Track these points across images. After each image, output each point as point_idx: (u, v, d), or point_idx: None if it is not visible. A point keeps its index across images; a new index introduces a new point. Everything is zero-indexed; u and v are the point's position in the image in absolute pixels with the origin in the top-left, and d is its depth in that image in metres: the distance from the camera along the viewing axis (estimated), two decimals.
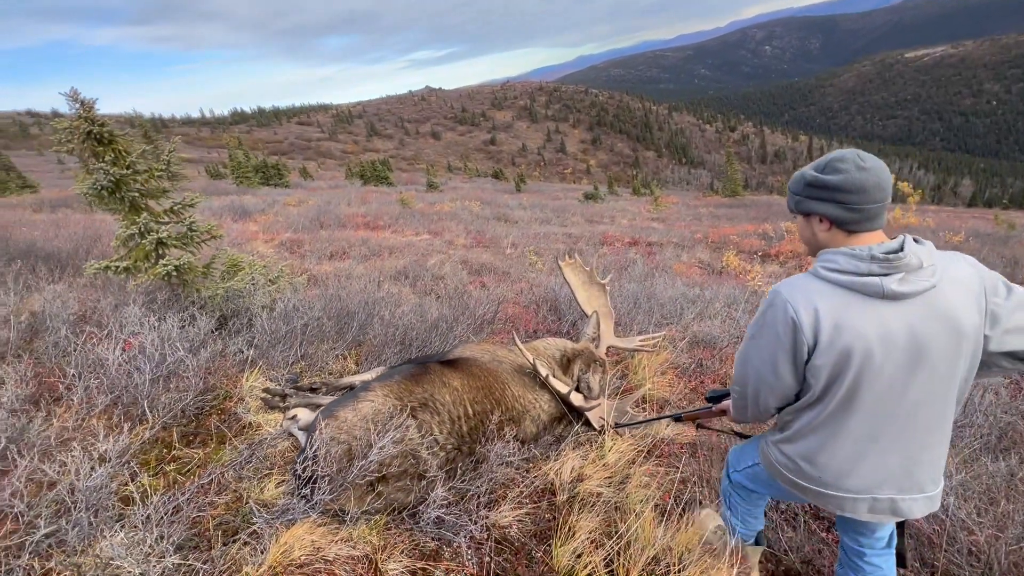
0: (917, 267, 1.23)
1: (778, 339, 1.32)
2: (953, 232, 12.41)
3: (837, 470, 1.38)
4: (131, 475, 2.22)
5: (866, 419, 1.32)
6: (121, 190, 3.72)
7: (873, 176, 1.24)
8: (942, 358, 1.25)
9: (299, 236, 9.45)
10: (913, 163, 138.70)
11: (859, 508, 1.39)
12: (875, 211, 1.28)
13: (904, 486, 1.35)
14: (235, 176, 25.34)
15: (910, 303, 1.24)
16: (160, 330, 2.97)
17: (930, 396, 1.29)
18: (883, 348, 1.24)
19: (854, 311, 1.25)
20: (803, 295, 1.29)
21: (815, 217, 1.36)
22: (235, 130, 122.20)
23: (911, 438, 1.32)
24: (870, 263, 1.24)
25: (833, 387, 1.31)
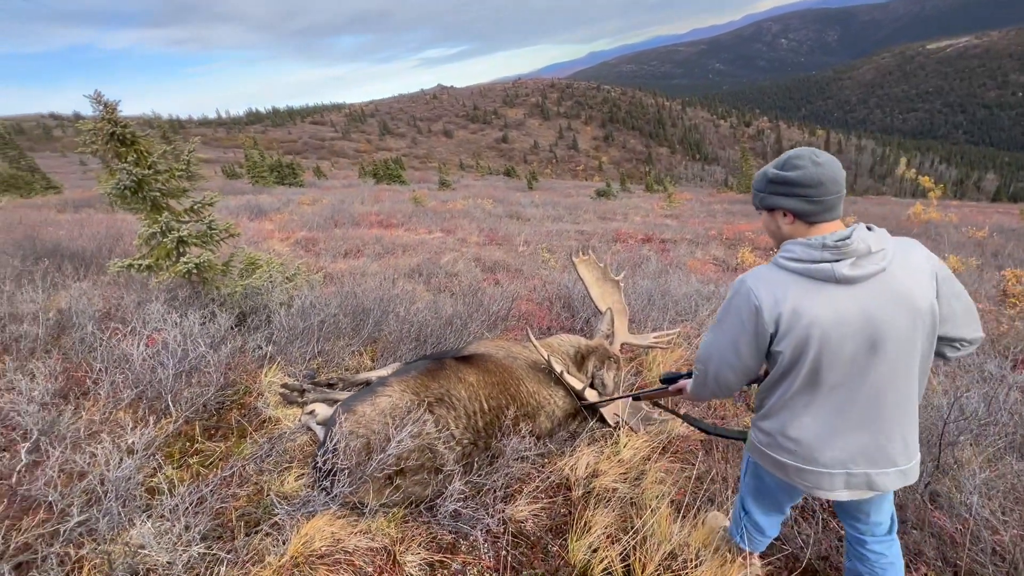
0: (866, 252, 1.31)
1: (742, 324, 1.42)
2: (976, 227, 12.11)
3: (809, 443, 1.44)
4: (156, 467, 2.28)
5: (831, 396, 1.39)
6: (143, 190, 3.81)
7: (828, 171, 1.34)
8: (900, 336, 1.33)
9: (314, 234, 9.56)
10: (935, 157, 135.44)
11: (836, 484, 1.45)
12: (832, 202, 1.37)
13: (877, 460, 1.41)
14: (251, 176, 25.71)
15: (863, 286, 1.32)
16: (182, 326, 3.04)
17: (892, 373, 1.36)
18: (840, 330, 1.32)
19: (811, 296, 1.34)
20: (765, 284, 1.39)
21: (779, 211, 1.44)
22: (250, 130, 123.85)
23: (879, 414, 1.39)
24: (822, 251, 1.33)
25: (796, 367, 1.39)
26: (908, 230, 11.94)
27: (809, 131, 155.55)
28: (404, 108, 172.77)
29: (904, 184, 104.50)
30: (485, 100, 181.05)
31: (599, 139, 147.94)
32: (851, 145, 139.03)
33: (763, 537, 1.83)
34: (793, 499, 1.70)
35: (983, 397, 2.76)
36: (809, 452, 1.45)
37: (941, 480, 2.32)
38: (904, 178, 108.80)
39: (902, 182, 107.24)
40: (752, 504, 1.77)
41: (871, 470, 1.41)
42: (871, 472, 1.41)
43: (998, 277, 6.46)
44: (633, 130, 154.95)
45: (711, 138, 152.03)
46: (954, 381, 3.09)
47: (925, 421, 2.54)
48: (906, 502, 2.24)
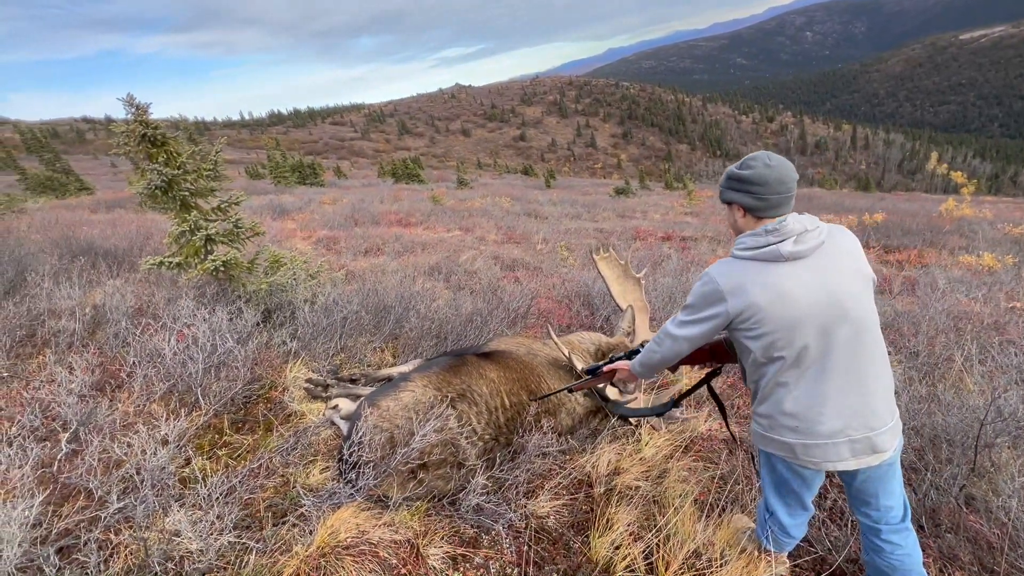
0: (802, 230, 1.48)
1: (707, 308, 1.57)
2: (1013, 224, 11.65)
3: (807, 416, 1.52)
4: (187, 458, 2.35)
5: (815, 365, 1.50)
6: (173, 189, 3.91)
7: (776, 173, 1.50)
8: (858, 297, 1.49)
9: (335, 233, 9.70)
10: (968, 151, 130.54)
11: (842, 452, 1.52)
12: (777, 200, 1.53)
13: (871, 422, 1.51)
14: (273, 176, 26.20)
15: (811, 259, 1.49)
16: (211, 322, 3.12)
17: (861, 332, 1.49)
18: (801, 301, 1.46)
19: (767, 277, 1.49)
20: (726, 275, 1.54)
21: (734, 205, 1.62)
22: (273, 131, 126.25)
23: (860, 373, 1.50)
24: (766, 236, 1.50)
25: (775, 346, 1.50)
26: (939, 227, 11.54)
27: (835, 125, 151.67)
28: (422, 108, 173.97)
29: (935, 180, 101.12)
30: (503, 99, 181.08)
31: (617, 136, 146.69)
32: (879, 139, 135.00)
33: (789, 538, 1.81)
34: (811, 489, 1.69)
35: (1022, 398, 2.66)
36: (809, 425, 1.52)
37: (977, 484, 2.25)
38: (935, 173, 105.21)
39: (933, 178, 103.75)
40: (775, 502, 1.76)
41: (870, 432, 1.51)
42: (871, 435, 1.51)
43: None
44: (652, 127, 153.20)
45: (732, 134, 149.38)
46: (991, 381, 2.99)
47: (961, 423, 2.46)
48: (939, 504, 2.18)
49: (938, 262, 7.74)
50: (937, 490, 2.23)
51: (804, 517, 1.78)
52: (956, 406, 2.60)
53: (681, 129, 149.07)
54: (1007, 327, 4.17)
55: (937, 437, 2.49)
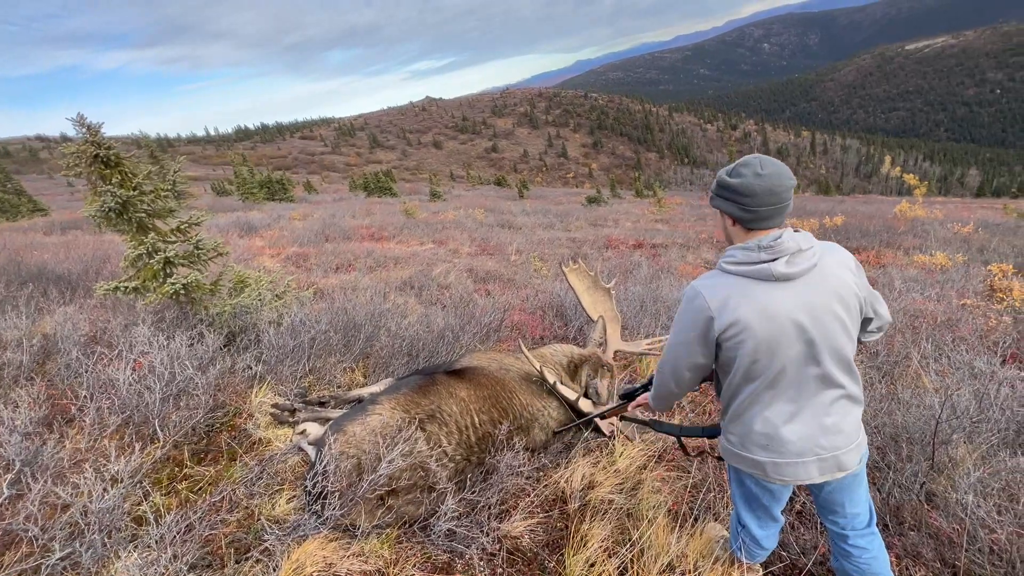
0: (796, 250, 1.42)
1: (691, 324, 1.52)
2: (962, 223, 12.27)
3: (778, 436, 1.52)
4: (144, 495, 2.23)
5: (789, 387, 1.49)
6: (128, 211, 3.77)
7: (767, 182, 1.40)
8: (838, 323, 1.45)
9: (305, 250, 9.52)
10: (918, 155, 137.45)
11: (811, 471, 1.53)
12: (767, 213, 1.44)
13: (838, 441, 1.52)
14: (240, 192, 25.59)
15: (801, 282, 1.43)
16: (169, 349, 2.99)
17: (837, 357, 1.47)
18: (780, 327, 1.42)
19: (754, 296, 1.43)
20: (712, 289, 1.49)
21: (724, 215, 1.54)
22: (239, 147, 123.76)
23: (829, 398, 1.50)
24: (759, 252, 1.43)
25: (753, 366, 1.48)
26: (895, 228, 12.07)
27: (795, 133, 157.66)
28: (393, 121, 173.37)
29: (890, 182, 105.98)
30: (474, 111, 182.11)
31: (588, 146, 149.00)
32: (836, 145, 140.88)
33: (761, 550, 1.82)
34: (780, 502, 1.71)
35: (974, 394, 2.77)
36: (779, 444, 1.53)
37: (936, 480, 2.32)
38: (889, 176, 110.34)
39: (887, 180, 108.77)
40: (746, 515, 1.77)
41: (837, 452, 1.52)
42: (837, 453, 1.52)
43: (984, 272, 6.53)
44: (622, 136, 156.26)
45: (699, 142, 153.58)
46: (944, 379, 3.10)
47: (918, 421, 2.55)
48: (902, 503, 2.24)
49: (895, 262, 8.07)
50: (900, 488, 2.29)
51: (775, 528, 1.79)
52: (914, 404, 2.69)
53: (649, 138, 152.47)
54: (959, 324, 4.36)
55: (898, 435, 2.57)
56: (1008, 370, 2.98)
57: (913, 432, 2.52)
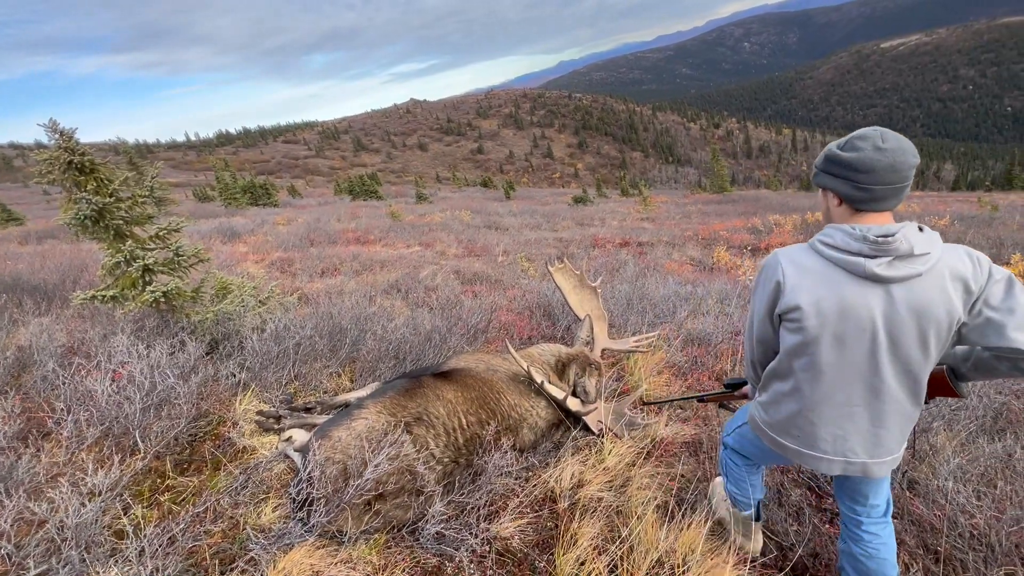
0: (907, 253, 1.25)
1: (765, 294, 1.45)
2: (938, 216, 12.56)
3: (812, 433, 1.47)
4: (124, 508, 2.18)
5: (835, 389, 1.40)
6: (105, 219, 3.69)
7: (888, 157, 1.25)
8: (912, 341, 1.30)
9: (289, 255, 9.41)
10: None
11: (833, 468, 1.48)
12: (884, 192, 1.29)
13: (873, 451, 1.44)
14: (223, 198, 25.25)
15: (892, 287, 1.28)
16: (149, 358, 2.93)
17: (897, 373, 1.35)
18: (857, 326, 1.31)
19: (837, 287, 1.32)
20: (793, 262, 1.39)
21: (830, 192, 1.39)
22: (221, 152, 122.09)
23: (880, 411, 1.39)
24: (861, 243, 1.28)
25: (803, 353, 1.40)
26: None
27: (776, 130, 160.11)
28: (377, 123, 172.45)
29: None
30: (458, 112, 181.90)
31: (573, 146, 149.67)
32: (816, 142, 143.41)
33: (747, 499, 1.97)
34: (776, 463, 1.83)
35: None
36: (811, 440, 1.48)
37: (918, 467, 2.36)
38: None
39: None
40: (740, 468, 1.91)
41: (868, 460, 1.45)
42: (868, 461, 1.45)
43: None
44: (606, 136, 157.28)
45: (683, 141, 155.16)
46: None
47: None
48: None
49: None
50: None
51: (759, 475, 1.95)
52: None
53: (634, 137, 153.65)
54: None
55: None
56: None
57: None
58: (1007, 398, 2.85)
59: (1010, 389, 2.94)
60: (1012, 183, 38.77)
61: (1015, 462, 2.23)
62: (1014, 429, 2.69)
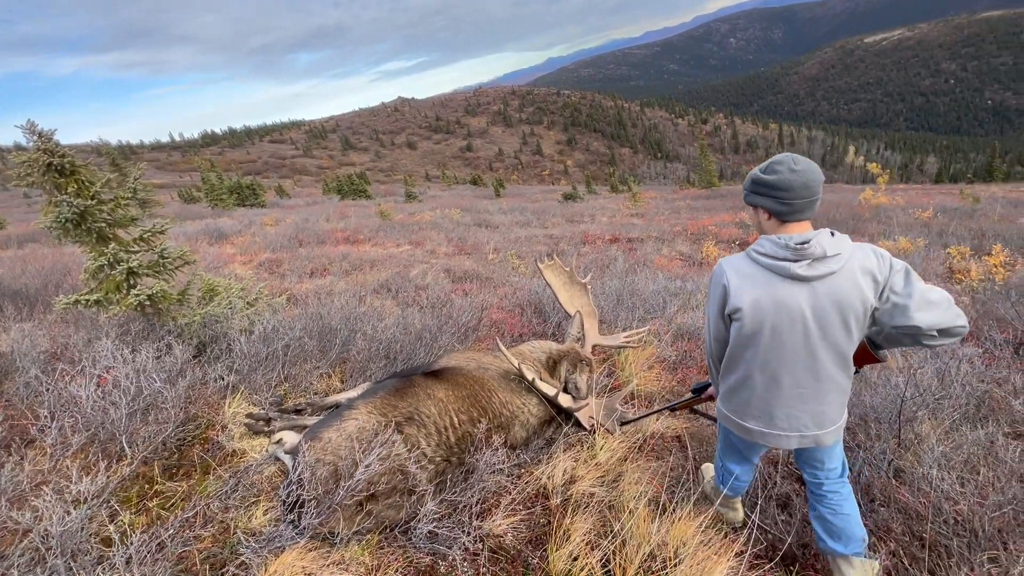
0: (821, 256, 1.52)
1: (716, 299, 1.72)
2: (922, 209, 12.75)
3: (770, 414, 1.73)
4: (111, 515, 2.15)
5: (783, 375, 1.66)
6: (87, 221, 3.62)
7: (801, 177, 1.53)
8: (837, 327, 1.57)
9: (278, 255, 9.32)
10: (880, 144, 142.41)
11: (792, 442, 1.75)
12: (802, 205, 1.56)
13: (821, 423, 1.72)
14: (209, 199, 24.93)
15: (813, 285, 1.55)
16: (135, 362, 2.89)
17: (829, 354, 1.61)
18: (790, 318, 1.58)
19: (770, 288, 1.58)
20: (735, 270, 1.66)
21: (760, 209, 1.66)
22: (206, 152, 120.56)
23: (820, 390, 1.67)
24: (785, 250, 1.56)
25: (751, 345, 1.65)
26: (860, 216, 12.46)
27: (763, 125, 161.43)
28: (365, 122, 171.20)
29: (854, 171, 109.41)
30: (447, 110, 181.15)
31: (562, 143, 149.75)
32: (803, 136, 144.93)
33: (740, 483, 2.10)
34: (759, 452, 1.98)
35: (936, 372, 2.88)
36: (770, 420, 1.75)
37: (904, 456, 2.40)
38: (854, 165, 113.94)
39: (852, 169, 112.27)
40: (728, 460, 2.06)
41: (818, 431, 1.72)
42: (818, 432, 1.73)
43: (944, 255, 6.79)
44: (595, 132, 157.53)
45: (671, 136, 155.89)
46: (908, 359, 3.22)
47: (885, 400, 2.63)
48: (872, 480, 2.31)
49: None
50: (870, 466, 2.37)
51: (750, 467, 2.06)
52: (881, 385, 2.78)
53: (623, 134, 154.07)
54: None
55: (867, 416, 2.65)
56: (967, 347, 3.11)
57: (881, 412, 2.61)
58: (989, 386, 2.90)
59: (992, 378, 2.99)
60: (993, 175, 39.47)
61: (997, 449, 2.28)
62: (996, 416, 2.74)
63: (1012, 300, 4.13)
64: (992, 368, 3.15)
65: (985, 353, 3.41)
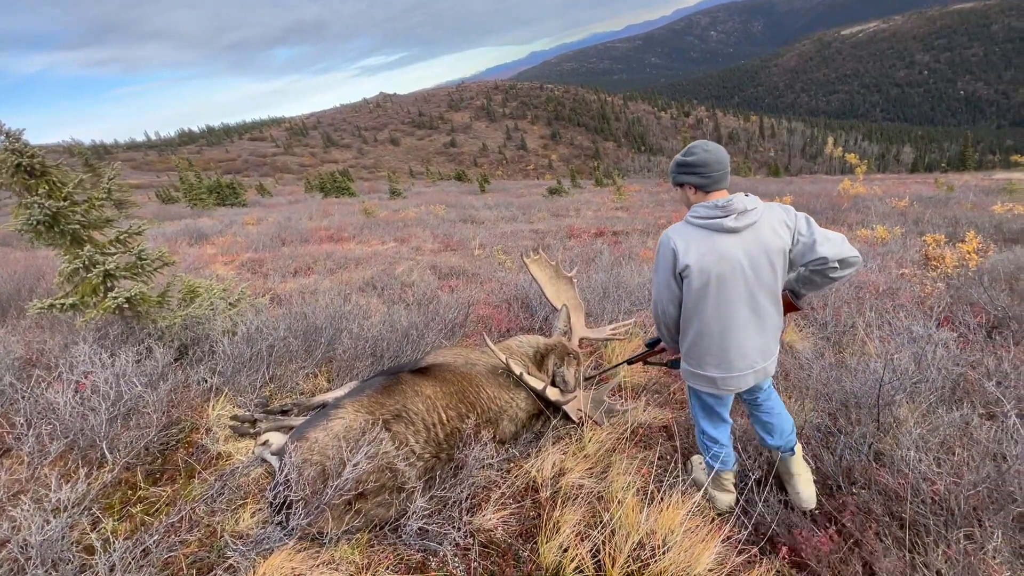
0: (743, 210, 1.87)
1: (666, 263, 1.98)
2: (898, 198, 13.02)
3: (725, 356, 2.01)
4: (93, 522, 2.11)
5: (732, 316, 1.94)
6: (60, 223, 3.52)
7: (713, 155, 1.91)
8: (766, 269, 1.91)
9: (260, 255, 9.18)
10: (857, 135, 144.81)
11: (748, 380, 2.06)
12: (718, 177, 1.93)
13: (767, 355, 2.06)
14: (188, 199, 24.41)
15: (743, 235, 1.88)
16: (114, 367, 2.83)
17: (765, 292, 1.94)
18: (730, 265, 1.88)
19: (710, 242, 1.89)
20: (679, 234, 1.95)
21: (686, 186, 2.00)
22: (184, 151, 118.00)
23: (761, 323, 1.99)
24: (715, 210, 1.89)
25: (703, 295, 1.93)
26: (839, 206, 12.68)
27: (744, 117, 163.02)
28: (347, 118, 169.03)
29: (833, 162, 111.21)
30: (430, 106, 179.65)
31: (547, 138, 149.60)
32: (783, 128, 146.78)
33: (723, 448, 2.29)
34: (727, 405, 2.24)
35: (913, 356, 2.95)
36: (727, 362, 2.02)
37: (883, 440, 2.46)
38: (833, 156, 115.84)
39: (831, 160, 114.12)
40: (704, 422, 2.28)
41: (765, 363, 2.06)
42: (766, 364, 2.06)
43: (920, 243, 6.95)
44: (579, 127, 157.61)
45: (654, 130, 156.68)
46: (886, 345, 3.29)
47: (864, 385, 2.69)
48: (853, 464, 2.36)
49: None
50: (850, 450, 2.42)
51: (726, 428, 2.30)
52: (860, 370, 2.84)
53: (606, 127, 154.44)
54: (899, 292, 4.63)
55: (847, 401, 2.71)
56: (942, 332, 3.18)
57: (860, 397, 2.67)
58: (963, 369, 2.98)
59: (966, 361, 3.08)
60: (966, 164, 40.46)
61: (972, 429, 2.34)
62: (970, 398, 2.82)
63: (984, 285, 4.25)
64: (966, 352, 3.24)
65: (960, 337, 3.50)
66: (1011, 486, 1.96)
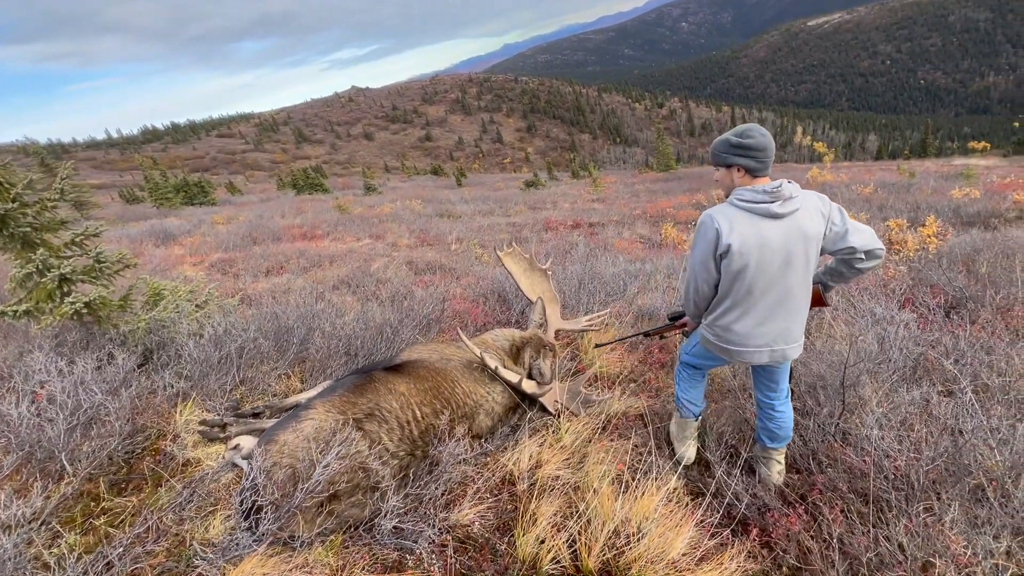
0: (789, 197, 1.91)
1: (707, 243, 1.99)
2: (863, 185, 13.41)
3: (746, 333, 2.08)
4: (53, 536, 2.03)
5: (762, 298, 2.00)
6: (9, 226, 3.35)
7: (768, 140, 1.95)
8: (801, 256, 1.95)
9: (231, 255, 8.94)
10: (825, 124, 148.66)
11: (763, 357, 2.10)
12: (768, 163, 1.96)
13: (788, 339, 2.09)
14: (154, 199, 23.59)
15: (785, 220, 1.92)
16: (72, 374, 2.71)
17: (796, 279, 1.98)
18: (769, 250, 1.92)
19: (754, 226, 1.92)
20: (723, 216, 1.96)
21: (735, 168, 2.00)
22: (148, 149, 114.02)
23: (788, 309, 2.03)
24: (763, 195, 1.91)
25: (740, 278, 1.98)
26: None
27: (716, 108, 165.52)
28: (319, 113, 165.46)
29: (802, 150, 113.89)
30: (403, 99, 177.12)
31: (522, 130, 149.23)
32: (754, 118, 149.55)
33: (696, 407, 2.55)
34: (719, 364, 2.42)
35: (876, 337, 3.04)
36: (747, 340, 2.08)
37: (849, 420, 2.54)
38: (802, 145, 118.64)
39: (800, 149, 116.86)
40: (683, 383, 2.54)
41: (785, 346, 2.08)
42: (785, 347, 2.09)
43: (883, 227, 7.17)
44: (554, 119, 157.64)
45: (629, 121, 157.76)
46: (851, 328, 3.39)
47: (831, 367, 2.77)
48: (818, 445, 2.43)
49: None
50: (818, 430, 2.49)
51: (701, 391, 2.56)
52: (826, 352, 2.92)
53: (581, 119, 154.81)
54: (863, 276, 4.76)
55: (814, 384, 2.78)
56: (904, 313, 3.29)
57: (827, 379, 2.74)
58: (923, 348, 3.09)
59: (926, 340, 3.19)
60: (927, 151, 41.91)
61: (931, 407, 2.43)
62: (930, 376, 2.93)
63: (943, 268, 4.41)
64: (926, 332, 3.36)
65: (920, 318, 3.63)
66: (967, 459, 2.04)
